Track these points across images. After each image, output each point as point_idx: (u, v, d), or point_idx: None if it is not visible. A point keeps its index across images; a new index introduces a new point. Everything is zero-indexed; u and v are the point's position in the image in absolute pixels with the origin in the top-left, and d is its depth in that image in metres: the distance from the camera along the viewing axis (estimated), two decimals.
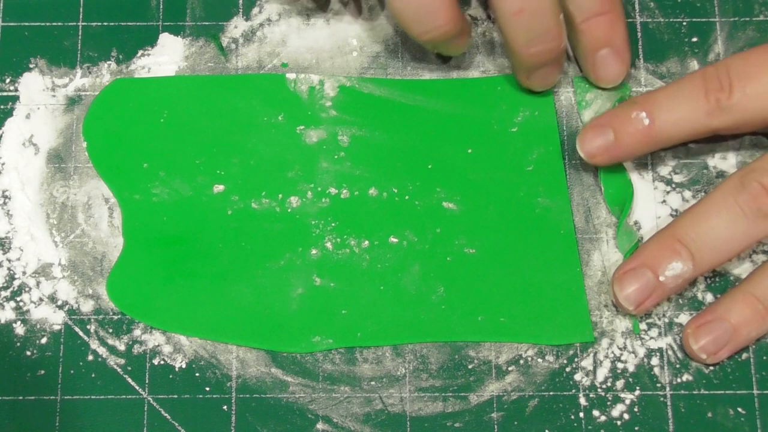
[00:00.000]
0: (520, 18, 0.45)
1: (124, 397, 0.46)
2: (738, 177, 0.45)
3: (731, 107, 0.44)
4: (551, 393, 0.46)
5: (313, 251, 0.47)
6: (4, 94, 0.50)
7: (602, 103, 0.49)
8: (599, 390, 0.46)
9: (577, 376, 0.46)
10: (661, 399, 0.46)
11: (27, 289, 0.47)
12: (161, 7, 0.51)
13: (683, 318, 0.47)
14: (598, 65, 0.48)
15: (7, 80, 0.50)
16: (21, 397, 0.46)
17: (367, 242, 0.48)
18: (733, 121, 0.45)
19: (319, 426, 0.46)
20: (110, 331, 0.47)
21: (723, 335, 0.45)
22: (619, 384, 0.46)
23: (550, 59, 0.47)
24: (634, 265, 0.45)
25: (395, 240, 0.48)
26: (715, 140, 0.49)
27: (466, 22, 0.47)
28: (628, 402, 0.46)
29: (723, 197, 0.44)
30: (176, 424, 0.46)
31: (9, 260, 0.47)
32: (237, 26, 0.51)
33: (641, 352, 0.46)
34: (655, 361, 0.46)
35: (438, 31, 0.45)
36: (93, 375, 0.46)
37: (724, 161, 0.49)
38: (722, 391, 0.46)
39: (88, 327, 0.47)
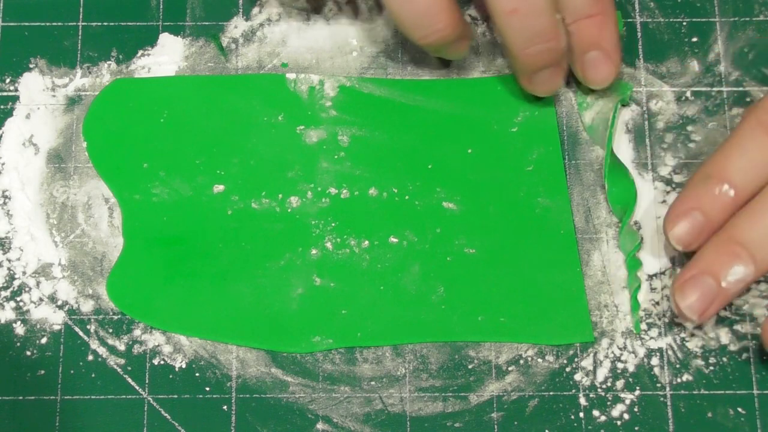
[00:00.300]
0: (515, 17, 0.45)
1: (124, 397, 0.46)
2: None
3: None
4: (551, 393, 0.46)
5: (313, 251, 0.47)
6: (4, 94, 0.50)
7: (603, 105, 0.49)
8: (599, 390, 0.46)
9: (577, 376, 0.46)
10: (661, 399, 0.46)
11: (27, 289, 0.47)
12: (161, 7, 0.51)
13: None
14: (586, 67, 0.48)
15: (7, 80, 0.50)
16: (21, 397, 0.46)
17: (367, 242, 0.48)
18: None
19: (319, 426, 0.46)
20: (110, 331, 0.47)
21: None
22: (619, 384, 0.46)
23: (550, 61, 0.46)
24: (694, 273, 0.44)
25: (395, 240, 0.48)
26: (714, 140, 0.49)
27: (467, 26, 0.47)
28: (628, 402, 0.46)
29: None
30: (176, 424, 0.46)
31: (9, 260, 0.47)
32: (237, 26, 0.51)
33: (641, 352, 0.46)
34: (655, 361, 0.46)
35: (438, 35, 0.45)
36: (93, 375, 0.46)
37: None
38: (722, 391, 0.46)
39: (88, 327, 0.47)
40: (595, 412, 0.46)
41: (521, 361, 0.46)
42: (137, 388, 0.46)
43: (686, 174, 0.49)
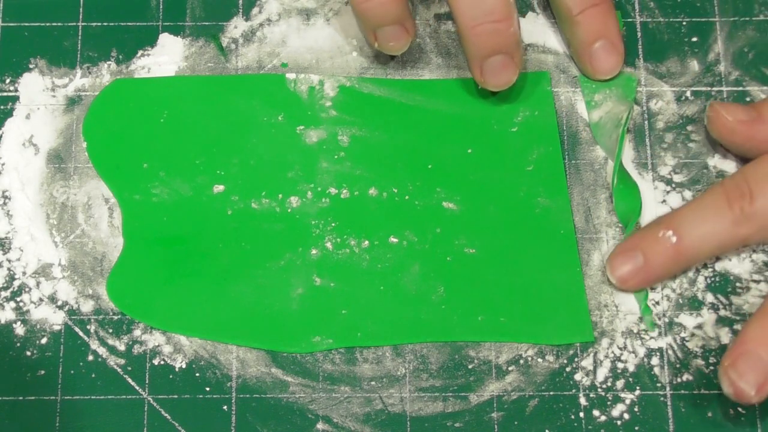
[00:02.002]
0: None
1: (124, 397, 0.46)
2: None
3: (755, 213, 0.44)
4: (551, 393, 0.46)
5: (313, 251, 0.47)
6: (4, 94, 0.50)
7: (612, 105, 0.49)
8: (599, 390, 0.46)
9: (577, 376, 0.46)
10: (661, 399, 0.46)
11: (27, 289, 0.47)
12: (161, 7, 0.51)
13: (683, 318, 0.47)
14: (594, 57, 0.48)
15: (7, 80, 0.50)
16: (21, 397, 0.46)
17: (367, 242, 0.48)
18: (759, 226, 0.44)
19: (319, 426, 0.46)
20: (110, 331, 0.47)
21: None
22: (619, 384, 0.46)
23: (499, 44, 0.46)
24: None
25: (395, 240, 0.48)
26: (714, 140, 0.49)
27: (410, 17, 0.47)
28: (628, 402, 0.46)
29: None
30: (176, 424, 0.46)
31: (9, 260, 0.47)
32: (237, 26, 0.51)
33: (641, 351, 0.46)
34: (655, 360, 0.46)
35: (380, 1, 0.45)
36: (93, 375, 0.46)
37: (724, 161, 0.49)
38: (722, 391, 0.46)
39: (88, 327, 0.47)
40: (596, 412, 0.46)
41: (521, 361, 0.46)
42: (137, 388, 0.46)
43: (686, 174, 0.49)
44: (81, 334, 0.47)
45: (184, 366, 0.46)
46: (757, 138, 0.46)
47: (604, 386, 0.46)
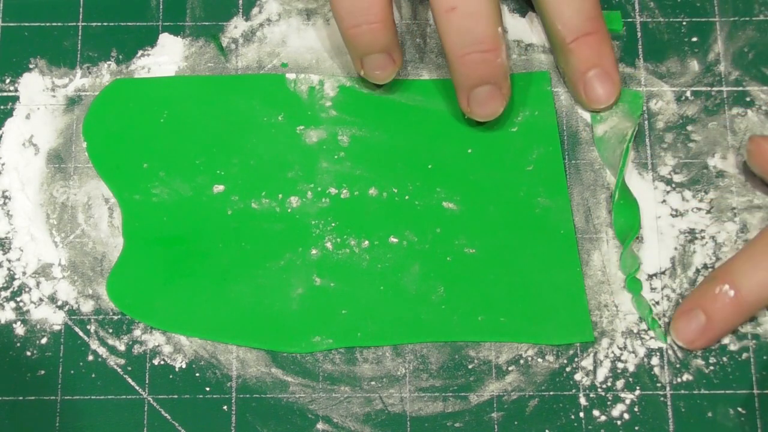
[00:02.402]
0: (452, 16, 0.45)
1: (124, 397, 0.46)
2: None
3: None
4: (551, 393, 0.46)
5: (313, 251, 0.47)
6: (4, 94, 0.50)
7: (618, 120, 0.49)
8: (599, 390, 0.46)
9: (577, 376, 0.46)
10: (661, 399, 0.46)
11: (27, 289, 0.47)
12: (161, 7, 0.51)
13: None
14: (588, 86, 0.48)
15: (7, 80, 0.50)
16: (21, 397, 0.46)
17: (367, 242, 0.48)
18: None
19: (319, 426, 0.46)
20: (110, 331, 0.47)
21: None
22: (619, 384, 0.46)
23: (487, 74, 0.46)
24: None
25: (395, 240, 0.48)
26: (714, 140, 0.49)
27: (398, 47, 0.47)
28: (628, 402, 0.46)
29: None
30: (176, 424, 0.46)
31: (9, 260, 0.47)
32: (237, 26, 0.51)
33: (641, 351, 0.46)
34: (655, 360, 0.46)
35: (368, 28, 0.45)
36: (93, 375, 0.46)
37: (724, 161, 0.49)
38: (722, 391, 0.46)
39: (88, 327, 0.47)
40: (595, 412, 0.46)
41: (521, 361, 0.46)
42: (137, 388, 0.46)
43: (686, 174, 0.49)
44: (81, 334, 0.47)
45: (184, 366, 0.46)
46: None
47: (604, 386, 0.46)
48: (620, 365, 0.46)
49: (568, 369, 0.46)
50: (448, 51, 0.46)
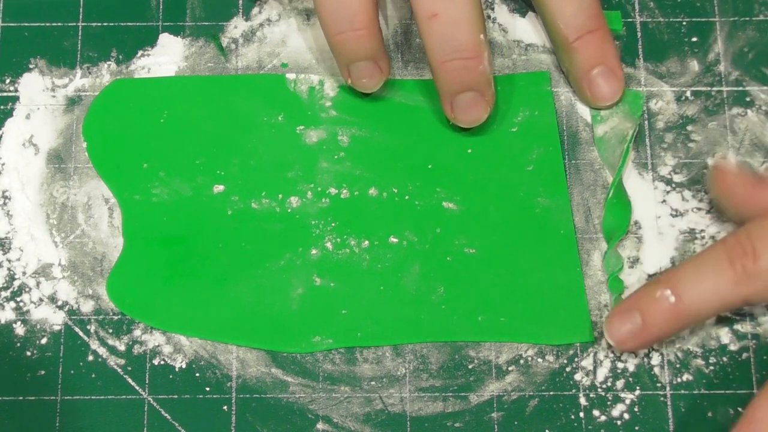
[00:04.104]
0: (434, 23, 0.45)
1: (124, 397, 0.46)
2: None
3: (758, 272, 0.42)
4: (551, 393, 0.46)
5: (313, 251, 0.47)
6: (4, 94, 0.50)
7: (618, 121, 0.49)
8: (599, 390, 0.46)
9: (577, 376, 0.46)
10: (661, 399, 0.46)
11: (27, 289, 0.47)
12: (161, 7, 0.51)
13: None
14: (593, 84, 0.48)
15: (7, 80, 0.50)
16: (21, 397, 0.46)
17: (367, 242, 0.48)
18: (763, 286, 0.42)
19: (319, 426, 0.46)
20: (110, 331, 0.47)
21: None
22: (619, 384, 0.46)
23: (469, 81, 0.46)
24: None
25: (395, 240, 0.48)
26: (714, 140, 0.49)
27: (385, 55, 0.47)
28: (628, 402, 0.46)
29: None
30: (176, 424, 0.46)
31: (9, 260, 0.47)
32: (237, 26, 0.51)
33: (641, 351, 0.46)
34: (655, 360, 0.46)
35: (353, 35, 0.45)
36: (93, 375, 0.46)
37: (724, 161, 0.49)
38: (722, 391, 0.46)
39: (88, 327, 0.47)
40: (595, 412, 0.46)
41: (521, 361, 0.46)
42: (137, 388, 0.46)
43: (686, 174, 0.49)
44: (81, 334, 0.47)
45: (184, 366, 0.46)
46: (759, 202, 0.44)
47: (604, 386, 0.46)
48: (620, 365, 0.46)
49: (568, 369, 0.46)
50: (430, 58, 0.46)
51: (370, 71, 0.47)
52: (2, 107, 0.49)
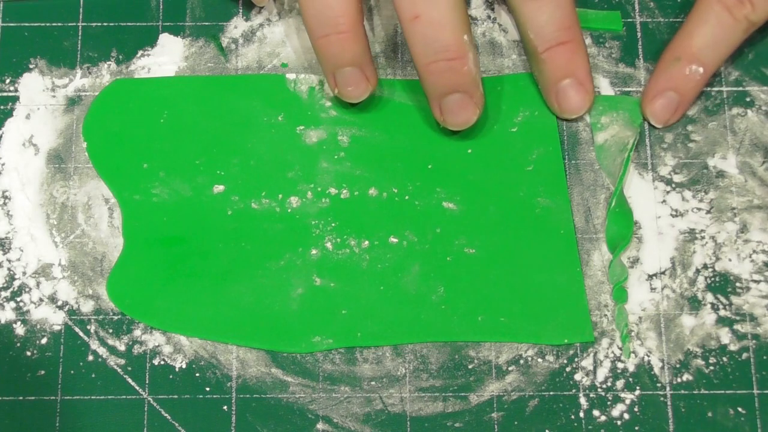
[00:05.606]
0: (416, 25, 0.45)
1: (124, 397, 0.46)
2: None
3: (759, 18, 0.47)
4: (551, 393, 0.46)
5: (313, 251, 0.47)
6: (4, 94, 0.50)
7: (619, 129, 0.49)
8: (599, 390, 0.46)
9: (577, 376, 0.46)
10: (661, 399, 0.46)
11: (27, 289, 0.47)
12: (161, 7, 0.51)
13: (683, 318, 0.47)
14: (560, 95, 0.48)
15: (7, 80, 0.50)
16: (21, 397, 0.46)
17: (367, 242, 0.48)
18: (765, 17, 0.47)
19: (319, 426, 0.46)
20: (110, 331, 0.47)
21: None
22: (619, 384, 0.46)
23: (455, 82, 0.46)
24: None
25: (395, 240, 0.48)
26: (714, 140, 0.49)
27: (371, 63, 0.47)
28: (628, 402, 0.46)
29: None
30: (176, 424, 0.46)
31: (9, 260, 0.47)
32: (237, 26, 0.51)
33: (641, 351, 0.46)
34: (655, 360, 0.46)
35: (338, 38, 0.45)
36: (93, 375, 0.46)
37: (724, 161, 0.49)
38: (722, 391, 0.46)
39: (88, 327, 0.47)
40: (595, 412, 0.46)
41: (521, 361, 0.46)
42: (137, 388, 0.46)
43: (686, 174, 0.49)
44: (81, 334, 0.47)
45: (184, 366, 0.46)
46: None
47: (604, 386, 0.46)
48: (620, 365, 0.46)
49: (568, 369, 0.46)
50: (415, 60, 0.46)
51: (356, 79, 0.47)
52: (2, 107, 0.49)
